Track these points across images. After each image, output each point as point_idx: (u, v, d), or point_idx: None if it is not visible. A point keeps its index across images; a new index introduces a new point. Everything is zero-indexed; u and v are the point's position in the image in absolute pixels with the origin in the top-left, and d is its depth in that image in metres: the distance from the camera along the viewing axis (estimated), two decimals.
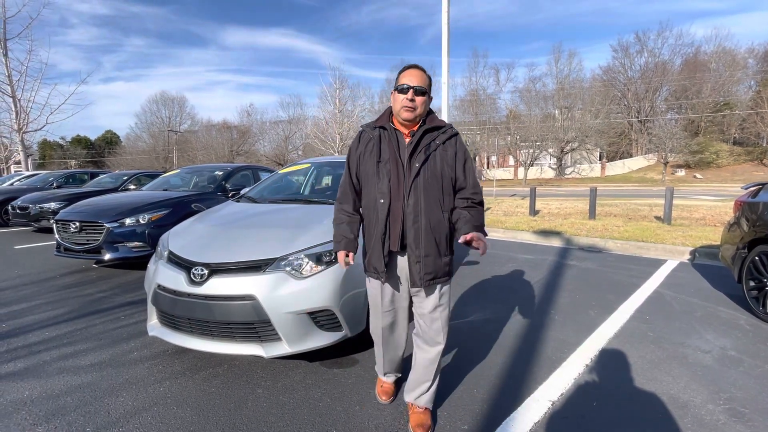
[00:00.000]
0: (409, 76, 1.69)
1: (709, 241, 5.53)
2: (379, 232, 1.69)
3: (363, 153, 1.77)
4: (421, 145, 1.69)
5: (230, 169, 6.53)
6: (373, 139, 1.75)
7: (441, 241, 1.69)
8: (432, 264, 1.67)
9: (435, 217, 1.67)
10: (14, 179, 12.47)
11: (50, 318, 3.29)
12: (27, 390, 2.20)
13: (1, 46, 15.30)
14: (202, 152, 47.30)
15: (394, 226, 1.67)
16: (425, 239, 1.65)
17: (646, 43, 41.86)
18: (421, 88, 1.68)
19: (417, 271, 1.67)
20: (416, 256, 1.66)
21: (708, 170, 33.68)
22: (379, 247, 1.70)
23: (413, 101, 1.67)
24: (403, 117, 1.69)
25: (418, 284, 1.68)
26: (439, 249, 1.69)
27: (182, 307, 2.26)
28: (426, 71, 1.74)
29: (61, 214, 5.04)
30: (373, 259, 1.74)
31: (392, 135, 1.73)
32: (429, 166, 1.67)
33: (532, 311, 3.37)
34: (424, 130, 1.70)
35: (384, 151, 1.71)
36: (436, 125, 1.73)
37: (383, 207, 1.68)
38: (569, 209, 10.10)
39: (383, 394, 2.05)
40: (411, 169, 1.66)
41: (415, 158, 1.67)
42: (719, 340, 2.79)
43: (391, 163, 1.68)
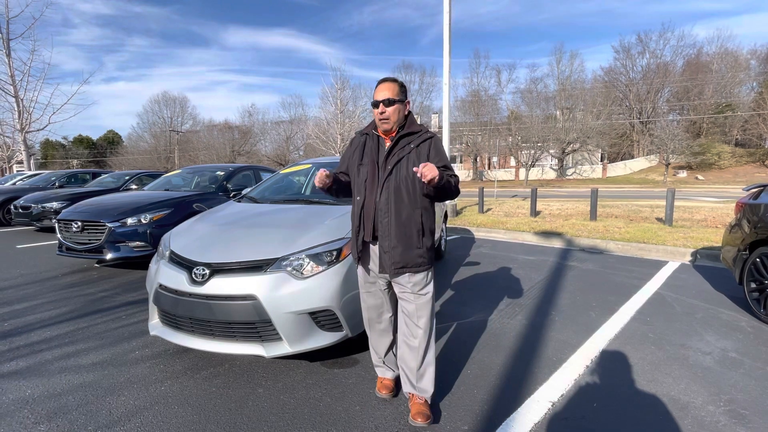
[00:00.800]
0: (379, 91, 1.88)
1: (710, 243, 5.52)
2: (355, 225, 1.92)
3: (351, 156, 2.01)
4: (396, 149, 1.87)
5: (232, 170, 6.55)
6: (359, 144, 1.99)
7: (411, 234, 1.83)
8: (400, 254, 1.82)
9: (405, 212, 1.83)
10: (16, 179, 12.52)
11: (52, 317, 3.30)
12: (29, 389, 2.21)
13: (4, 46, 15.36)
14: (204, 152, 47.39)
15: (367, 220, 1.87)
16: (394, 232, 1.81)
17: (647, 44, 41.85)
18: (389, 100, 1.85)
19: (386, 260, 1.84)
20: (385, 247, 1.84)
21: (710, 172, 33.61)
22: (354, 237, 1.94)
23: (384, 113, 1.86)
24: (382, 128, 1.91)
25: (387, 272, 1.85)
26: (410, 241, 1.83)
27: (183, 307, 2.27)
28: (396, 80, 1.92)
29: (63, 214, 5.06)
30: (352, 247, 1.99)
31: (373, 141, 1.96)
32: (402, 167, 1.84)
33: (532, 312, 3.37)
34: (399, 136, 1.89)
35: (365, 155, 1.94)
36: (412, 130, 1.90)
37: (358, 203, 1.91)
38: (570, 210, 10.10)
39: (382, 389, 2.11)
40: (385, 170, 1.85)
41: (389, 160, 1.85)
42: (720, 341, 2.79)
43: (368, 165, 1.90)
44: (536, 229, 7.25)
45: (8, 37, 15.38)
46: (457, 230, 7.76)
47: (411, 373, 1.92)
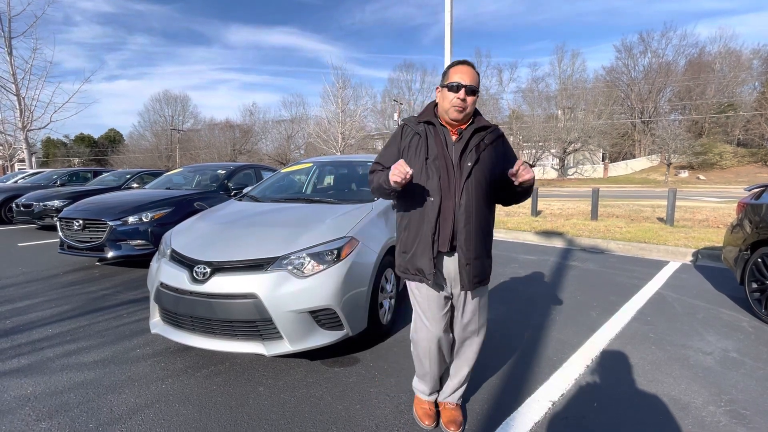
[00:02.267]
0: (461, 73, 1.61)
1: (711, 243, 5.51)
2: (429, 231, 1.60)
3: (407, 147, 1.69)
4: (471, 144, 1.63)
5: (233, 168, 6.55)
6: (418, 134, 1.67)
7: (488, 242, 1.68)
8: (480, 266, 1.64)
9: (485, 218, 1.65)
10: (18, 177, 12.54)
11: (53, 315, 3.31)
12: (30, 386, 2.22)
13: (6, 44, 15.39)
14: (205, 151, 47.43)
15: (445, 225, 1.60)
16: (476, 241, 1.61)
17: (649, 44, 41.78)
18: (472, 87, 1.61)
19: (467, 273, 1.61)
20: (467, 258, 1.60)
21: (711, 171, 33.54)
22: (428, 247, 1.61)
23: (464, 101, 1.60)
24: (452, 116, 1.63)
25: (467, 287, 1.63)
26: (487, 249, 1.68)
27: (185, 305, 2.27)
28: (476, 68, 1.66)
29: (65, 212, 5.07)
30: (419, 261, 1.64)
31: (440, 132, 1.66)
32: (480, 167, 1.62)
33: (533, 311, 3.37)
34: (474, 129, 1.64)
35: (432, 148, 1.63)
36: (485, 125, 1.68)
37: (433, 205, 1.60)
38: (571, 210, 10.08)
39: (426, 418, 1.83)
40: (462, 168, 1.60)
41: (466, 157, 1.61)
42: (721, 341, 2.78)
43: (440, 161, 1.61)
44: (537, 228, 7.24)
45: (10, 36, 15.41)
46: None
47: (458, 382, 1.84)
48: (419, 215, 1.64)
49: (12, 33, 15.43)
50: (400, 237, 1.73)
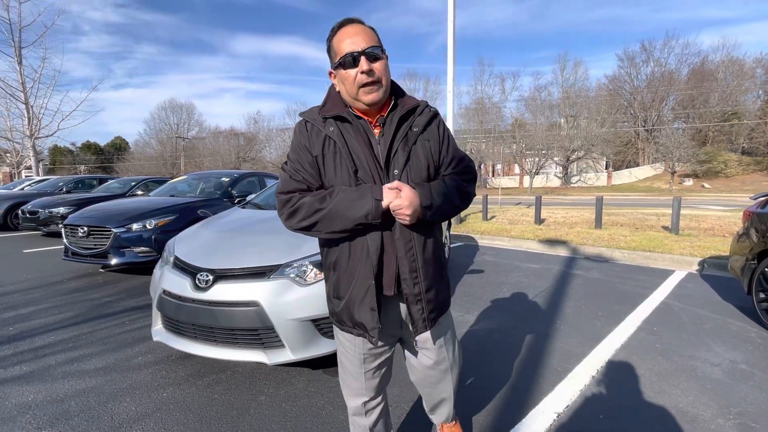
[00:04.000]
0: (348, 37, 1.13)
1: (717, 252, 5.46)
2: (369, 273, 1.16)
3: (320, 157, 1.19)
4: (397, 141, 1.17)
5: (237, 176, 6.59)
6: (330, 137, 1.17)
7: (438, 262, 1.26)
8: (434, 298, 1.25)
9: (425, 235, 1.21)
10: (25, 184, 12.67)
11: (57, 322, 3.31)
12: (32, 394, 2.21)
13: (16, 53, 15.67)
14: (209, 158, 47.80)
15: (390, 262, 1.18)
16: (424, 268, 1.20)
17: (652, 53, 41.85)
18: (373, 50, 1.13)
19: (418, 311, 1.21)
20: (417, 294, 1.20)
21: (716, 180, 33.36)
22: (370, 294, 1.17)
23: (372, 73, 1.12)
24: (367, 101, 1.15)
25: (421, 329, 1.24)
26: (439, 273, 1.28)
27: (187, 313, 2.27)
28: (364, 22, 1.19)
29: (70, 219, 5.10)
30: (357, 313, 1.21)
31: (356, 128, 1.18)
32: (412, 169, 1.18)
33: (537, 321, 3.34)
34: (399, 119, 1.18)
35: (355, 156, 1.16)
36: (412, 105, 1.22)
37: (374, 236, 1.16)
38: (575, 218, 10.04)
39: None
40: (390, 177, 1.16)
41: (393, 162, 1.17)
42: (729, 353, 2.74)
43: (368, 171, 1.16)
44: (541, 237, 7.21)
45: (20, 45, 15.70)
46: (461, 237, 7.74)
47: (445, 410, 1.58)
48: (351, 250, 1.19)
49: (22, 43, 15.74)
50: (328, 276, 1.30)
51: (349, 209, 1.11)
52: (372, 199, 1.10)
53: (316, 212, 1.13)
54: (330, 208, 1.12)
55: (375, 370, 1.35)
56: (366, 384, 1.36)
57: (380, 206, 1.10)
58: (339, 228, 1.14)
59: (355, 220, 1.11)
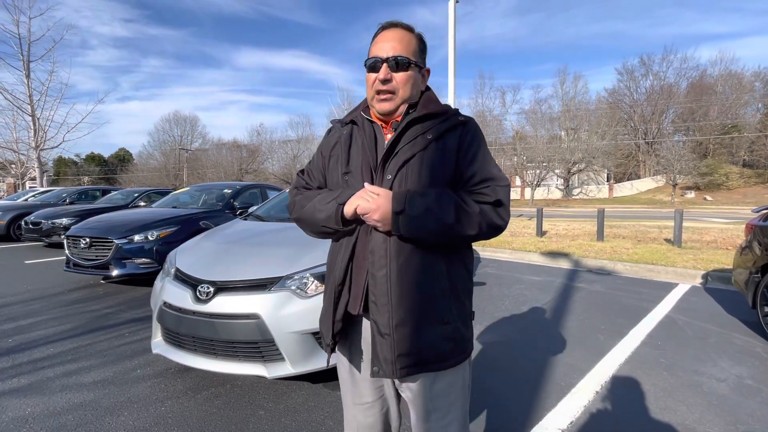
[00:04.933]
0: (382, 41, 1.07)
1: (721, 265, 5.42)
2: (334, 282, 1.07)
3: (327, 158, 1.17)
4: (400, 145, 1.04)
5: (239, 188, 6.62)
6: (341, 140, 1.14)
7: (433, 296, 1.01)
8: (409, 339, 0.99)
9: (416, 257, 1.00)
10: (29, 195, 12.75)
11: (56, 333, 3.30)
12: (29, 407, 2.19)
13: (24, 67, 15.95)
14: (212, 170, 48.12)
15: (358, 273, 1.03)
16: (398, 295, 0.98)
17: (651, 67, 42.36)
18: (400, 59, 1.04)
19: (383, 350, 1.00)
20: (383, 324, 0.99)
21: (718, 192, 33.34)
22: (330, 304, 1.08)
23: (388, 82, 1.04)
24: (378, 109, 1.08)
25: (387, 372, 1.00)
26: (426, 312, 1.00)
27: (187, 325, 2.26)
28: (411, 28, 1.11)
29: (72, 230, 5.12)
30: (322, 321, 1.13)
31: (365, 131, 1.11)
32: (409, 176, 1.02)
33: (540, 334, 3.31)
34: (408, 121, 1.05)
35: (352, 157, 1.10)
36: (431, 111, 1.07)
37: (345, 244, 1.06)
38: (577, 230, 10.01)
39: None
40: (383, 182, 1.03)
41: (388, 166, 1.03)
42: (735, 368, 2.70)
43: (359, 174, 1.07)
44: (542, 249, 7.19)
45: (29, 59, 16.00)
46: None
47: None
48: (332, 255, 1.13)
49: (31, 57, 16.04)
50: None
51: (317, 212, 1.07)
52: (335, 203, 1.03)
53: (300, 210, 1.14)
54: (305, 209, 1.11)
55: (363, 406, 1.14)
56: (358, 419, 1.16)
57: (341, 210, 1.01)
58: (311, 230, 1.13)
59: (319, 222, 1.07)
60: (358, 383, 1.15)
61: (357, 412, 1.17)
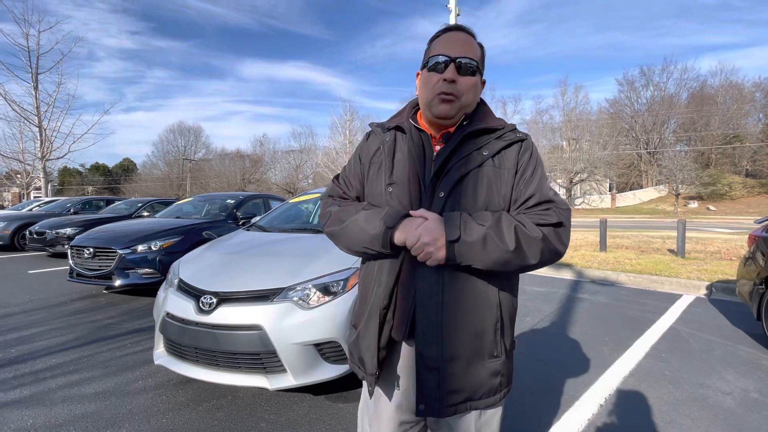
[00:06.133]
0: (448, 41, 0.98)
1: (725, 276, 5.39)
2: (378, 304, 0.97)
3: (368, 166, 1.08)
4: (454, 159, 0.96)
5: (242, 198, 6.67)
6: (383, 146, 1.05)
7: (483, 330, 0.95)
8: (462, 374, 0.94)
9: (470, 287, 0.94)
10: (33, 205, 12.85)
11: (58, 344, 3.30)
12: (31, 418, 2.18)
13: (33, 79, 16.22)
14: (215, 180, 48.42)
15: (404, 298, 0.95)
16: (451, 327, 0.92)
17: (651, 78, 42.70)
18: (469, 62, 0.96)
19: (432, 385, 0.93)
20: (432, 358, 0.93)
21: (721, 202, 33.23)
22: (374, 329, 0.97)
23: (454, 83, 0.95)
24: (437, 112, 0.98)
25: (436, 411, 0.93)
26: (478, 346, 0.95)
27: (189, 336, 2.26)
28: (473, 33, 1.01)
29: (76, 240, 5.16)
30: (362, 347, 1.02)
31: (413, 140, 1.01)
32: (463, 196, 0.94)
33: (542, 346, 3.28)
34: (464, 135, 0.98)
35: (397, 166, 1.01)
36: (487, 126, 1.00)
37: (392, 264, 0.96)
38: (579, 241, 9.99)
39: None
40: (433, 199, 0.95)
41: (441, 183, 0.95)
42: (741, 381, 2.67)
43: (402, 187, 0.98)
44: None
45: (37, 72, 16.27)
46: None
47: None
48: (370, 274, 1.02)
49: (39, 69, 16.31)
50: (357, 301, 1.12)
51: (360, 231, 0.95)
52: (382, 225, 0.91)
53: (337, 224, 1.03)
54: (347, 224, 0.99)
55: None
56: None
57: (389, 234, 0.90)
58: (351, 248, 1.01)
59: (362, 243, 0.96)
60: (381, 412, 1.04)
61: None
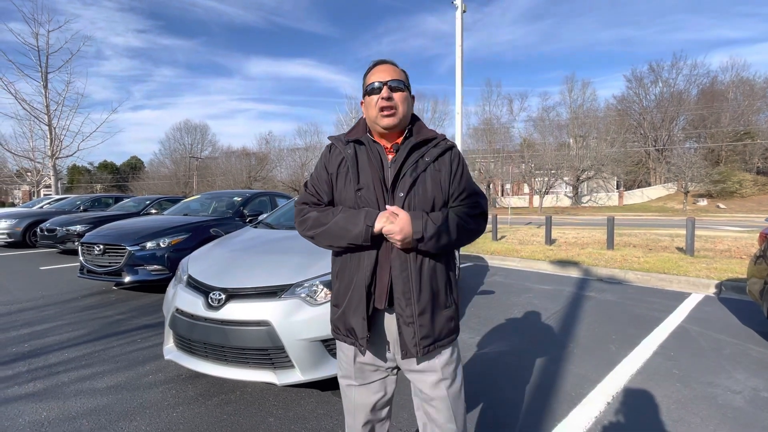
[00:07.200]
0: (377, 72, 1.30)
1: (735, 274, 5.33)
2: (363, 282, 1.25)
3: (335, 175, 1.33)
4: (406, 166, 1.27)
5: (248, 195, 6.71)
6: (346, 158, 1.31)
7: (439, 290, 1.28)
8: (429, 323, 1.25)
9: (427, 261, 1.26)
10: (44, 202, 13.03)
11: (70, 339, 3.36)
12: (45, 411, 2.23)
13: (42, 78, 16.42)
14: (221, 178, 48.67)
15: (382, 275, 1.25)
16: (418, 290, 1.24)
17: (660, 74, 42.03)
18: (397, 83, 1.28)
19: (410, 335, 1.24)
20: (408, 316, 1.23)
21: (732, 200, 32.76)
22: (362, 302, 1.25)
23: (391, 99, 1.26)
24: (383, 124, 1.27)
25: (413, 352, 1.24)
26: (437, 301, 1.28)
27: (199, 332, 2.29)
28: (398, 65, 1.35)
29: (87, 237, 5.23)
30: (351, 319, 1.28)
31: (371, 151, 1.31)
32: (416, 194, 1.26)
33: (549, 344, 3.28)
34: (411, 146, 1.29)
35: (362, 174, 1.28)
36: (425, 137, 1.31)
37: (369, 252, 1.25)
38: (586, 239, 9.92)
39: None
40: (395, 199, 1.26)
41: (399, 184, 1.26)
42: (751, 380, 2.65)
43: (369, 191, 1.26)
44: (552, 257, 7.13)
45: (46, 71, 16.46)
46: (470, 257, 7.69)
47: None
48: (353, 261, 1.29)
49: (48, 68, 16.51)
50: (333, 286, 1.38)
51: (344, 230, 1.23)
52: (364, 224, 1.21)
53: (319, 226, 1.28)
54: (328, 226, 1.26)
55: (370, 386, 1.37)
56: (362, 399, 1.37)
57: (370, 231, 1.20)
58: (335, 244, 1.28)
59: (347, 239, 1.24)
60: (364, 368, 1.36)
61: (358, 394, 1.38)
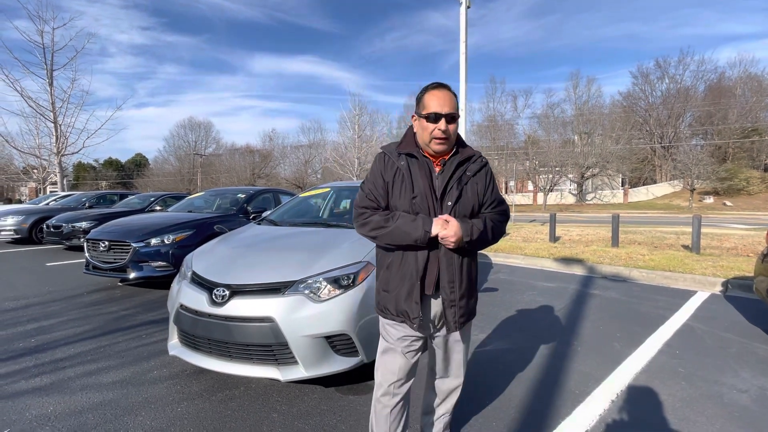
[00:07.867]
0: (437, 99, 1.49)
1: (742, 272, 5.28)
2: (416, 275, 1.51)
3: (391, 183, 1.56)
4: (453, 180, 1.53)
5: (252, 192, 6.72)
6: (400, 169, 1.55)
7: (472, 279, 1.62)
8: (466, 306, 1.58)
9: (467, 255, 1.57)
10: (50, 199, 13.13)
11: (76, 334, 3.39)
12: (51, 405, 2.25)
13: (48, 76, 16.51)
14: (225, 175, 48.84)
15: (432, 269, 1.52)
16: (459, 282, 1.54)
17: (666, 70, 41.66)
18: (452, 114, 1.49)
19: (452, 315, 1.55)
20: (451, 300, 1.54)
21: (738, 197, 32.46)
22: (415, 290, 1.52)
23: (446, 131, 1.48)
24: (435, 149, 1.52)
25: (453, 327, 1.56)
26: (472, 287, 1.61)
27: (203, 328, 2.30)
28: (451, 89, 1.56)
29: (92, 234, 5.26)
30: (403, 303, 1.55)
31: (422, 165, 1.55)
32: (461, 203, 1.53)
33: (553, 341, 3.27)
34: (458, 162, 1.55)
35: (416, 184, 1.52)
36: (469, 155, 1.59)
37: (423, 250, 1.52)
38: (591, 236, 9.86)
39: None
40: (443, 206, 1.51)
41: (447, 195, 1.52)
42: (757, 378, 2.62)
43: (421, 199, 1.51)
44: (556, 255, 7.10)
45: (52, 68, 16.55)
46: None
47: (452, 399, 1.80)
48: (404, 257, 1.54)
49: (54, 65, 16.59)
50: (381, 274, 1.64)
51: (405, 234, 1.47)
52: (423, 230, 1.45)
53: (381, 228, 1.52)
54: (390, 229, 1.49)
55: (410, 353, 1.61)
56: (401, 363, 1.60)
57: (428, 235, 1.45)
58: (395, 244, 1.52)
59: (407, 241, 1.48)
60: (407, 339, 1.60)
61: (400, 359, 1.60)
